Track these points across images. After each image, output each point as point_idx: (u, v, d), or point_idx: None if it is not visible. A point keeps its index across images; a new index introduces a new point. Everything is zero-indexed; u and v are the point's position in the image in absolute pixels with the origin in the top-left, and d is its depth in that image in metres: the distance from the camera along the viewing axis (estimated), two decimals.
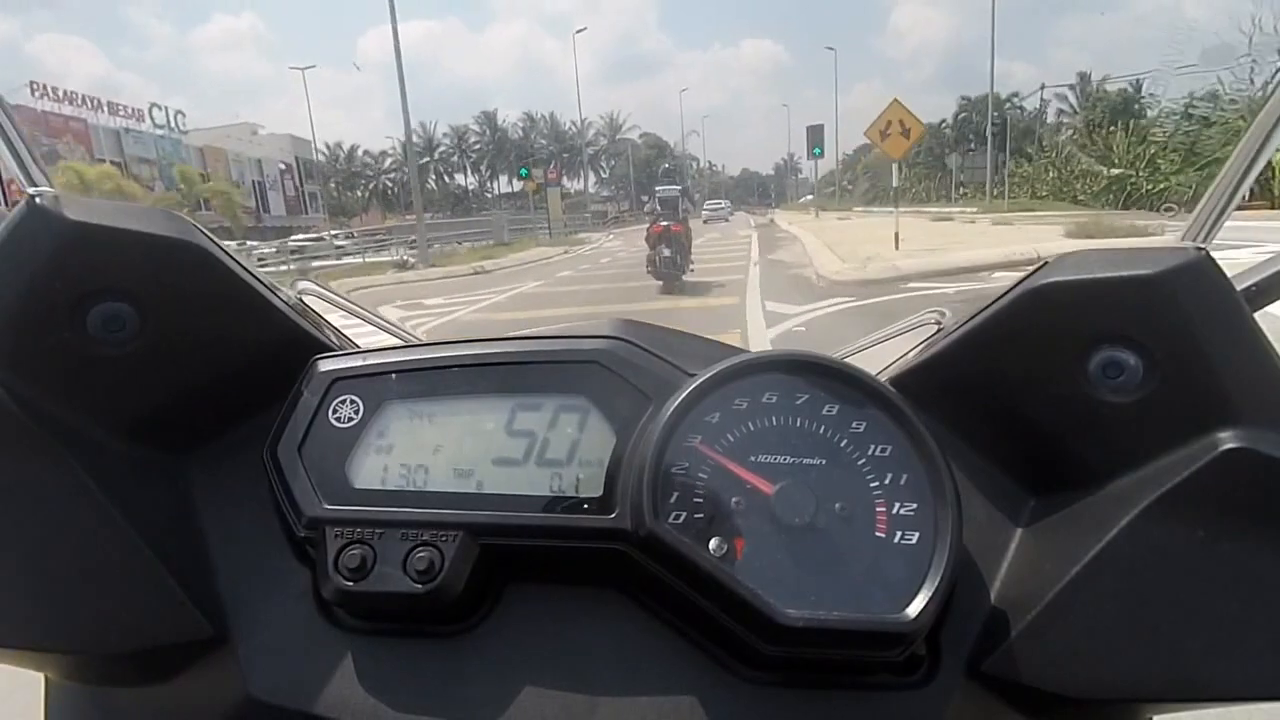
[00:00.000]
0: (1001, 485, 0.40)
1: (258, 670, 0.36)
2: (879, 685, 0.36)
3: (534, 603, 0.38)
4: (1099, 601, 0.33)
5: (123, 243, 0.37)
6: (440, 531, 0.36)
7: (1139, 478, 0.35)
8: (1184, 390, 0.35)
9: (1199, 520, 0.33)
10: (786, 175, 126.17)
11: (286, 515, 0.38)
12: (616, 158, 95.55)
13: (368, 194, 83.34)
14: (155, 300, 0.38)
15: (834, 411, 0.37)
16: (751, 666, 0.36)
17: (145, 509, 0.36)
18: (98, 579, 0.34)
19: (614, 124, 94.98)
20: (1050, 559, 0.36)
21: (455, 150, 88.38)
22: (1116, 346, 0.36)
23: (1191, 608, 0.33)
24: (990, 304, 0.39)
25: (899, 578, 0.34)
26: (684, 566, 0.34)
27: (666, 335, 0.43)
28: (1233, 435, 0.33)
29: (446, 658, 0.37)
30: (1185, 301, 0.34)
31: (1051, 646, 0.34)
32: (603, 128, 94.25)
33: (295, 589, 0.38)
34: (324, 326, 0.47)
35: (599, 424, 0.38)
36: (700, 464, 0.36)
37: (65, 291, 0.37)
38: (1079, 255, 0.38)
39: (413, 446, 0.38)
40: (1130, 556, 0.33)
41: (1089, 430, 0.37)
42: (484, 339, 0.41)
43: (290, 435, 0.38)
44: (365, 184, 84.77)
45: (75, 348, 0.37)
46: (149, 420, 0.40)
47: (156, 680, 0.38)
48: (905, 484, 0.35)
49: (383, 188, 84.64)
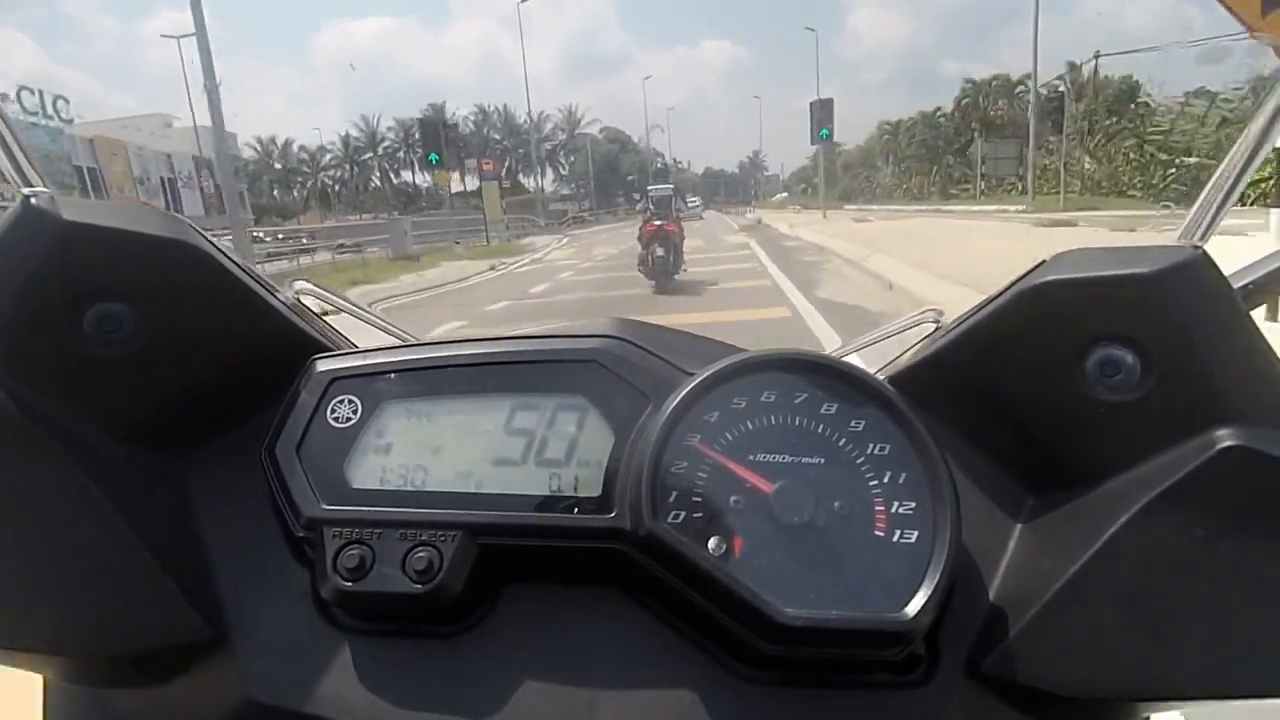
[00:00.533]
0: (1000, 484, 0.40)
1: (257, 671, 0.36)
2: (878, 684, 0.36)
3: (533, 602, 0.38)
4: (1097, 600, 0.34)
5: (119, 243, 0.37)
6: (439, 531, 0.36)
7: (1137, 476, 0.35)
8: (1181, 388, 0.35)
9: (1197, 518, 0.33)
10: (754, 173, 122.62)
11: (285, 515, 0.38)
12: (576, 153, 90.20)
13: (305, 193, 76.61)
14: (152, 300, 0.38)
15: (833, 410, 0.37)
16: (750, 666, 0.36)
17: (143, 510, 0.36)
18: (96, 580, 0.34)
19: (573, 118, 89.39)
20: (1049, 557, 0.36)
21: (401, 145, 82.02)
22: (1114, 345, 0.36)
23: (1190, 606, 0.33)
24: (988, 302, 0.39)
25: (898, 576, 0.34)
26: (683, 566, 0.34)
27: (665, 334, 0.43)
28: (1230, 433, 0.33)
29: (445, 658, 0.37)
30: (1182, 300, 0.34)
31: (1050, 645, 0.34)
32: (561, 122, 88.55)
33: (294, 589, 0.38)
34: (321, 326, 0.47)
35: (598, 423, 0.38)
36: (699, 463, 0.36)
37: (61, 292, 0.37)
38: (1076, 254, 0.38)
39: (411, 446, 0.38)
40: (1128, 555, 0.33)
41: (1087, 429, 0.37)
42: (483, 338, 0.41)
43: (288, 435, 0.38)
44: (302, 182, 78.00)
45: (72, 348, 0.37)
46: (146, 421, 0.40)
47: (155, 682, 0.38)
48: (904, 483, 0.35)
49: (321, 186, 77.96)
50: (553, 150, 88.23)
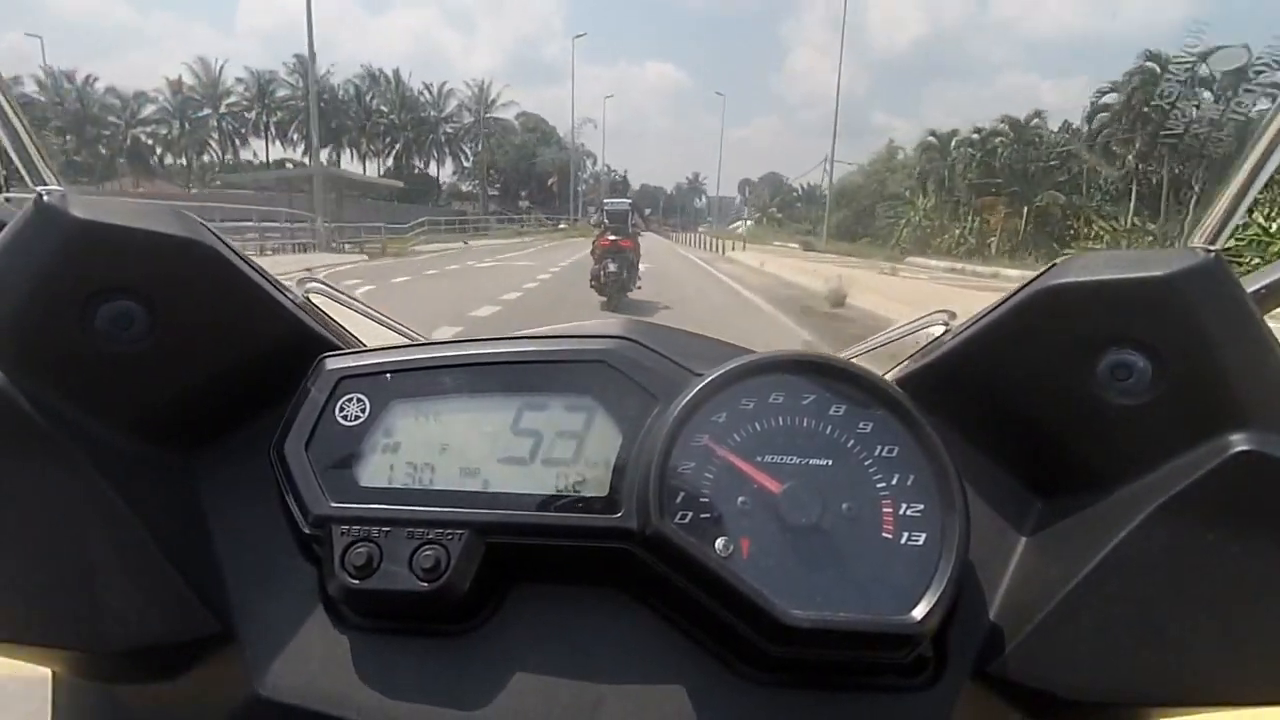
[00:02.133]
0: (1008, 487, 0.40)
1: (264, 667, 0.37)
2: (885, 687, 0.36)
3: (539, 602, 0.38)
4: (1106, 604, 0.33)
5: (131, 241, 0.37)
6: (446, 530, 0.36)
7: (1147, 481, 0.35)
8: (1193, 392, 0.35)
9: (1208, 523, 0.33)
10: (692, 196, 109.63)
11: (293, 513, 0.38)
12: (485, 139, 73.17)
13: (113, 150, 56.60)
14: (163, 298, 0.39)
15: (841, 412, 0.37)
16: (757, 667, 0.36)
17: (153, 507, 0.37)
18: (104, 576, 0.34)
19: (483, 95, 72.22)
20: (1057, 562, 0.36)
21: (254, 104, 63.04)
22: (1125, 348, 0.36)
23: (1200, 611, 0.33)
24: (998, 305, 0.39)
25: (906, 579, 0.34)
26: (690, 566, 0.34)
27: (673, 335, 0.43)
28: (1243, 438, 0.33)
29: (451, 656, 0.37)
30: (1195, 304, 0.34)
31: (1058, 649, 0.34)
32: (468, 100, 70.91)
33: (302, 587, 0.39)
34: (331, 325, 0.47)
35: (605, 424, 0.38)
36: (707, 464, 0.36)
37: (73, 290, 0.37)
38: (1088, 257, 0.37)
39: (419, 445, 0.39)
40: (1138, 559, 0.33)
41: (1097, 432, 0.37)
42: (491, 338, 0.41)
43: (297, 433, 0.39)
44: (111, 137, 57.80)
45: (84, 346, 0.37)
46: (157, 418, 0.40)
47: (163, 677, 0.38)
48: (912, 485, 0.35)
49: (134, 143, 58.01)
50: (456, 134, 70.76)
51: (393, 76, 66.87)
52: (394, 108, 66.30)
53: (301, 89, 61.48)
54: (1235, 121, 17.51)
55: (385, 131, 66.33)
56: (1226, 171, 0.38)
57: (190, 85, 60.12)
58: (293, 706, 0.36)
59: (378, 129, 65.95)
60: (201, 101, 61.28)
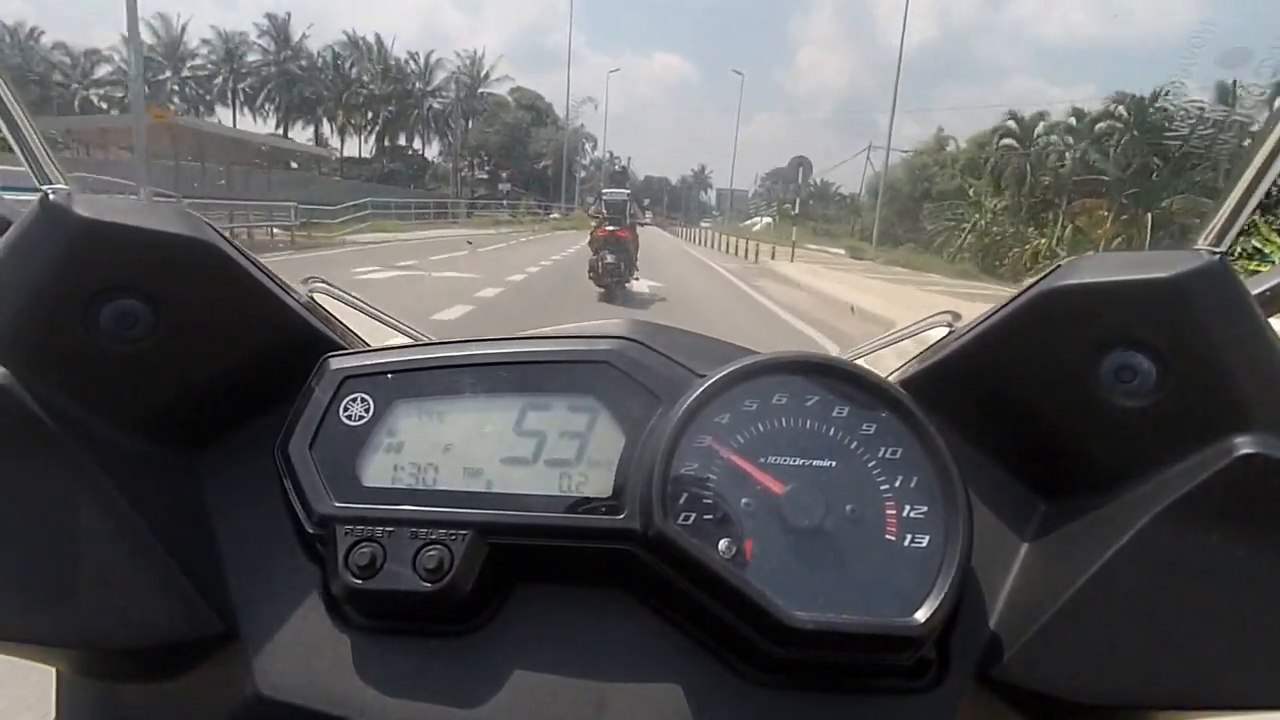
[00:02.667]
0: (1012, 489, 0.41)
1: (267, 667, 0.37)
2: (887, 689, 0.36)
3: (542, 602, 0.39)
4: (1110, 607, 0.34)
5: (135, 240, 0.38)
6: (449, 530, 0.37)
7: (1152, 483, 0.35)
8: (1198, 395, 0.35)
9: (1213, 526, 0.33)
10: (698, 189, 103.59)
11: (297, 512, 0.38)
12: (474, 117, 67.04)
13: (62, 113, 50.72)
14: (168, 298, 0.39)
15: (844, 413, 0.37)
16: (759, 668, 0.36)
17: (156, 506, 0.37)
18: (109, 575, 0.35)
19: (475, 68, 65.73)
20: (1060, 564, 0.36)
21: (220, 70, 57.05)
22: (1130, 350, 0.36)
23: (1204, 614, 0.33)
24: (1002, 306, 0.39)
25: (909, 581, 0.34)
26: (693, 567, 0.34)
27: (677, 336, 0.43)
28: (1248, 440, 0.33)
29: (454, 656, 0.37)
30: (1200, 305, 0.34)
31: (1062, 652, 0.34)
32: (458, 71, 64.63)
33: (305, 586, 0.39)
34: (335, 324, 0.47)
35: (609, 424, 0.39)
36: (710, 465, 0.36)
37: (78, 289, 0.37)
38: (1093, 258, 0.38)
39: (423, 445, 0.39)
40: (1142, 562, 0.33)
41: (1101, 434, 0.37)
42: (495, 338, 0.42)
43: (301, 433, 0.39)
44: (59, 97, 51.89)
45: (87, 345, 0.38)
46: (161, 417, 0.40)
47: (166, 676, 0.38)
48: (915, 487, 0.35)
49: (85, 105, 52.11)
50: (443, 110, 64.57)
51: (374, 42, 60.77)
52: (374, 78, 60.19)
53: (273, 57, 55.34)
54: (1242, 121, 16.37)
55: (365, 104, 60.32)
56: (1232, 172, 0.38)
57: (150, 45, 54.16)
58: (295, 706, 0.36)
59: (357, 99, 59.91)
60: (162, 64, 55.35)
